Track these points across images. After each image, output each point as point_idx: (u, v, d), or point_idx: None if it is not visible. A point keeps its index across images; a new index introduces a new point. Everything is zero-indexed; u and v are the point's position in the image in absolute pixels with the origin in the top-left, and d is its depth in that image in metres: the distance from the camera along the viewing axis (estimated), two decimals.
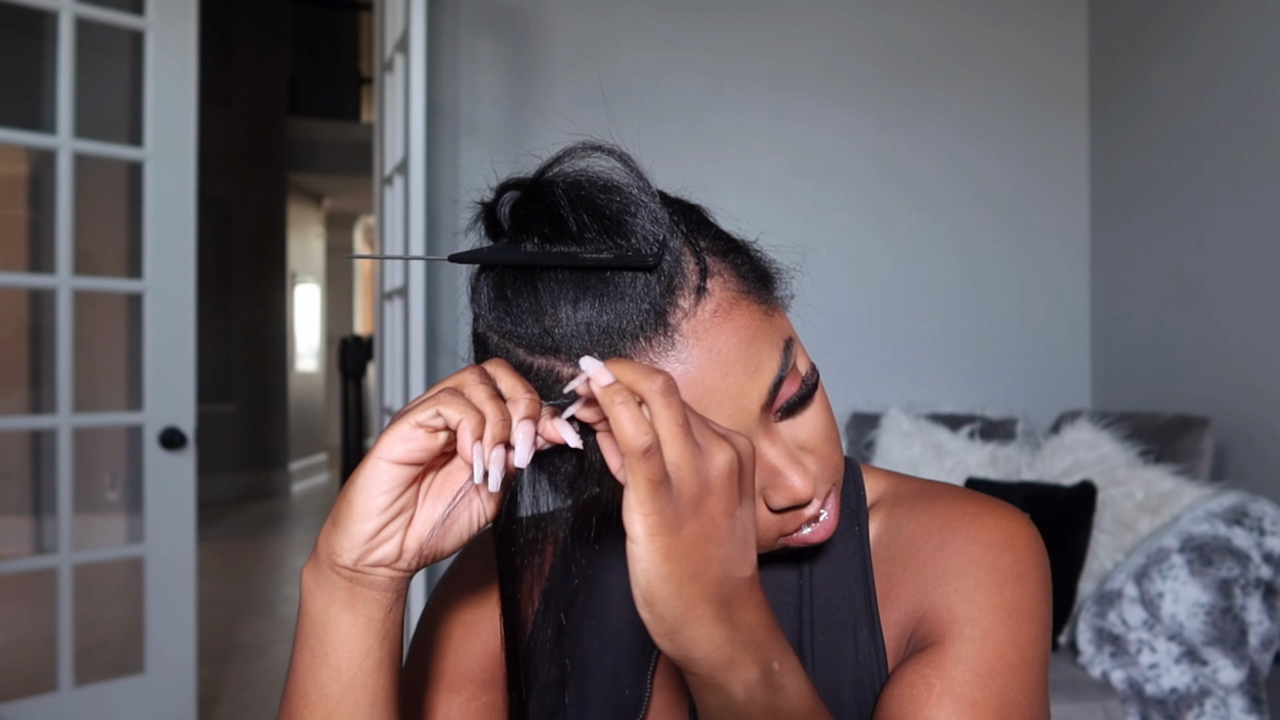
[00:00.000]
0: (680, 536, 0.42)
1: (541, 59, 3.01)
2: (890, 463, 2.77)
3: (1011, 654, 0.55)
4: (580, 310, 0.49)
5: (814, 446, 0.56)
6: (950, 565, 0.59)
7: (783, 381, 0.53)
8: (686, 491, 0.43)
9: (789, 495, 0.53)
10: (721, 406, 0.50)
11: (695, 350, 0.50)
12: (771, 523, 0.55)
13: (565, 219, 0.50)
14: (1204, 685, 1.92)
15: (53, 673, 2.25)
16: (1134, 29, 3.01)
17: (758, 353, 0.52)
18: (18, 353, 4.97)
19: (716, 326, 0.51)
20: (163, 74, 2.32)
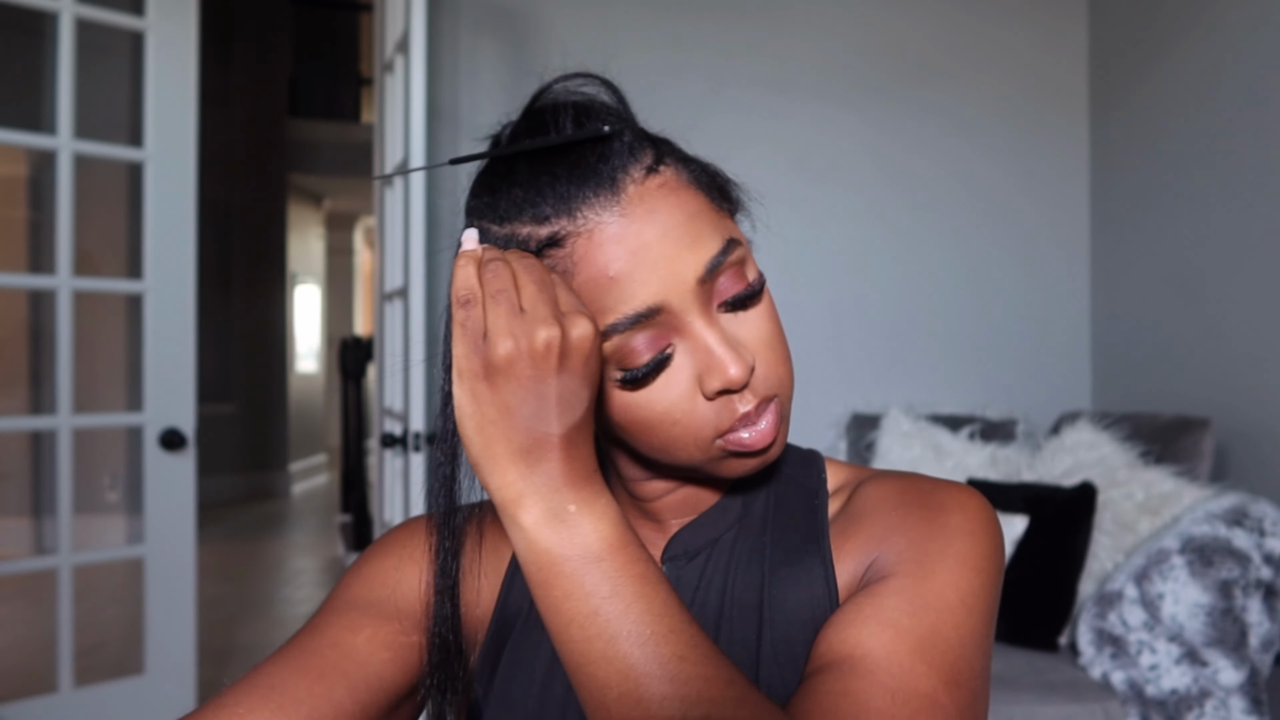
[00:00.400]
0: (488, 384, 0.50)
1: (542, 60, 3.01)
2: (890, 463, 2.77)
3: (949, 594, 0.56)
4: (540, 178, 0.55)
5: (753, 347, 0.58)
6: (905, 522, 0.61)
7: (721, 267, 0.56)
8: (500, 350, 0.49)
9: (721, 376, 0.55)
10: (656, 265, 0.54)
11: (638, 209, 0.55)
12: (708, 415, 0.57)
13: (544, 121, 0.57)
14: (1204, 686, 1.91)
15: (53, 673, 2.25)
16: (1134, 31, 3.01)
17: (698, 229, 0.56)
18: (18, 353, 4.97)
19: (661, 197, 0.56)
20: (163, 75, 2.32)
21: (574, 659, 0.49)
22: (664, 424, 0.57)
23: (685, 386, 0.57)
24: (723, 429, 0.57)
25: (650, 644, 0.48)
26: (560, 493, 0.50)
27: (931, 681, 0.53)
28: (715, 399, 0.57)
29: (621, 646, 0.48)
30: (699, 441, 0.58)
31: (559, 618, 0.50)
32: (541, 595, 0.50)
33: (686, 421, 0.57)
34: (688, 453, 0.59)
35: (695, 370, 0.56)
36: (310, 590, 4.48)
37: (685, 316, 0.56)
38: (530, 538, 0.50)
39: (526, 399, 0.50)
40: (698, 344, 0.56)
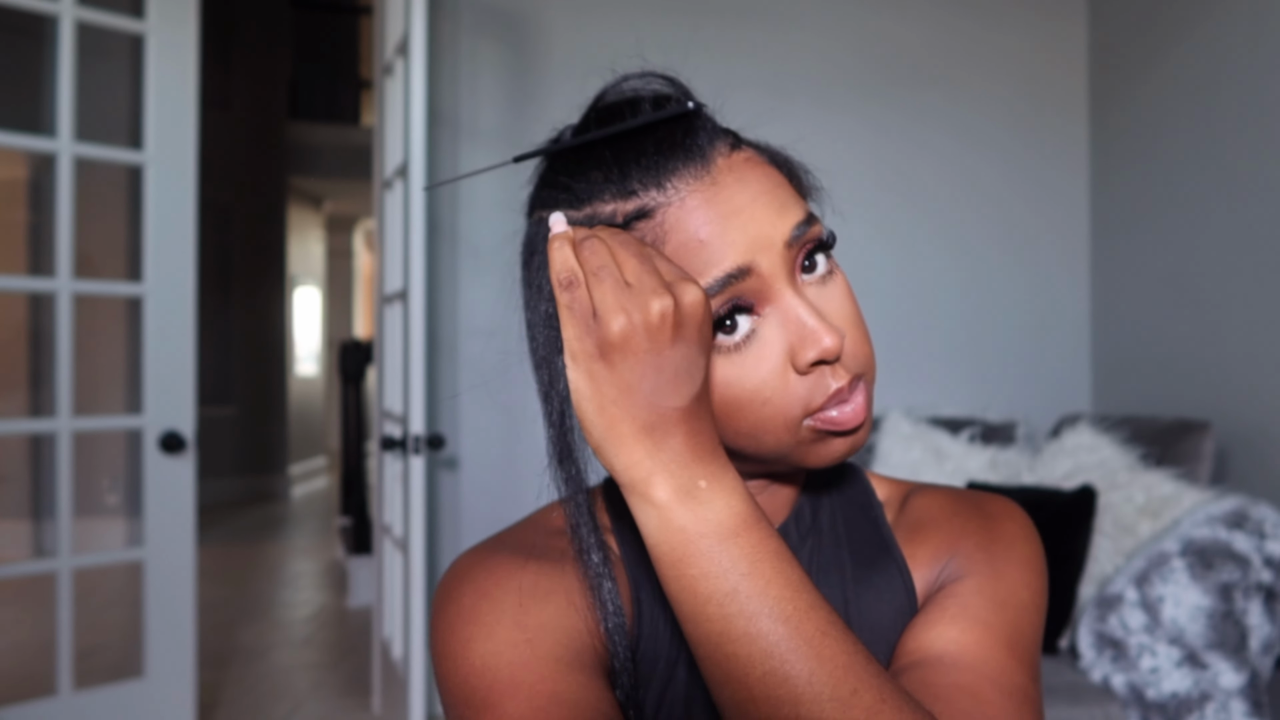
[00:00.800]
0: (605, 363, 0.48)
1: (541, 63, 3.02)
2: (891, 466, 2.77)
3: (1023, 593, 0.61)
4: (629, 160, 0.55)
5: (840, 320, 0.57)
6: (968, 528, 0.65)
7: (805, 235, 0.56)
8: (614, 326, 0.48)
9: (816, 345, 0.54)
10: (746, 227, 0.54)
11: (727, 177, 0.55)
12: (799, 391, 0.55)
13: (622, 109, 0.57)
14: (1205, 689, 1.91)
15: (52, 676, 2.25)
16: (1133, 35, 3.02)
17: (784, 197, 0.56)
18: (17, 356, 4.97)
19: (748, 167, 0.56)
20: (163, 77, 2.32)
21: (711, 640, 0.48)
22: (755, 403, 0.55)
23: (777, 361, 0.55)
24: (814, 407, 0.55)
25: (793, 620, 0.47)
26: (689, 468, 0.49)
27: (1023, 675, 0.56)
28: (808, 373, 0.55)
29: (763, 624, 0.47)
30: (789, 421, 0.55)
31: (695, 598, 0.48)
32: (675, 576, 0.48)
33: (778, 400, 0.55)
34: (776, 436, 0.56)
35: (787, 342, 0.55)
36: (310, 594, 4.48)
37: (774, 283, 0.54)
38: (665, 516, 0.49)
39: (646, 374, 0.48)
40: (788, 314, 0.55)
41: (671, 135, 0.55)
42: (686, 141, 0.55)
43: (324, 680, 3.21)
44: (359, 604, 4.16)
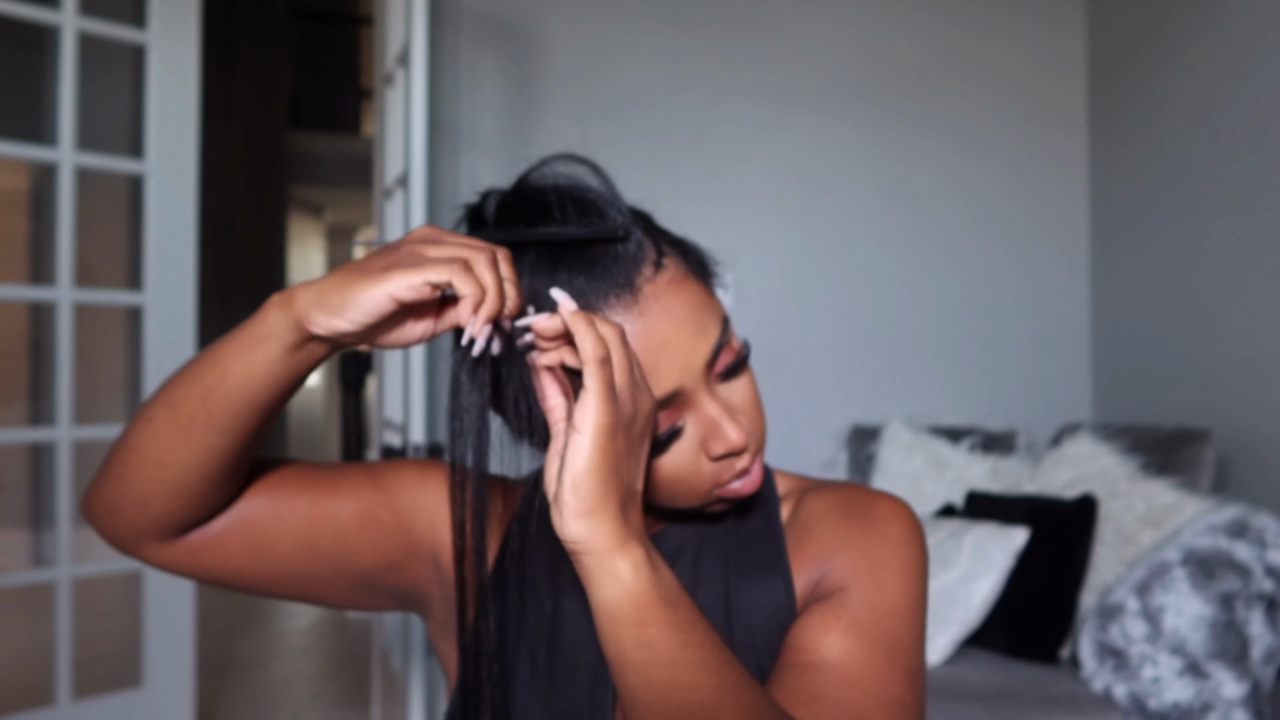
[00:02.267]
0: (614, 440, 0.53)
1: (542, 73, 3.03)
2: (891, 475, 2.77)
3: (900, 602, 0.66)
4: (558, 275, 0.60)
5: (744, 410, 0.67)
6: (852, 533, 0.70)
7: (722, 347, 0.64)
8: (624, 410, 0.54)
9: (726, 443, 0.64)
10: (674, 357, 0.61)
11: (655, 308, 0.61)
12: (708, 472, 0.65)
13: (550, 205, 0.62)
14: (1206, 699, 1.91)
15: (51, 686, 2.25)
16: (1133, 46, 3.03)
17: (703, 318, 0.63)
18: (18, 365, 4.97)
19: (671, 292, 0.62)
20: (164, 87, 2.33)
21: (657, 691, 0.54)
22: (674, 482, 0.65)
23: (692, 452, 0.65)
24: (721, 482, 0.66)
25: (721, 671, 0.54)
26: (646, 541, 0.55)
27: (899, 686, 0.63)
28: (718, 460, 0.65)
29: (703, 675, 0.54)
30: (699, 494, 0.66)
31: (649, 652, 0.53)
32: (633, 634, 0.53)
33: (693, 480, 0.65)
34: (688, 500, 0.67)
35: (700, 437, 0.64)
36: None
37: (695, 394, 0.63)
38: (632, 577, 0.53)
39: (632, 457, 0.55)
40: (704, 416, 0.64)
41: (599, 258, 0.60)
42: (614, 269, 0.60)
43: (323, 690, 3.20)
44: (358, 614, 4.15)
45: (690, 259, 0.66)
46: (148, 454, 0.62)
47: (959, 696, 1.94)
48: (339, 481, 0.72)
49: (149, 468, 0.62)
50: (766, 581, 0.71)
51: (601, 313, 0.60)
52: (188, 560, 0.67)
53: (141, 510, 0.64)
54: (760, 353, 3.12)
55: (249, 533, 0.68)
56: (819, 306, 3.16)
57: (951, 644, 2.11)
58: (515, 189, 0.65)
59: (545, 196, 0.62)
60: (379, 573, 0.73)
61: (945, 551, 2.19)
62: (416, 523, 0.73)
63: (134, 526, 0.65)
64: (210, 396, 0.59)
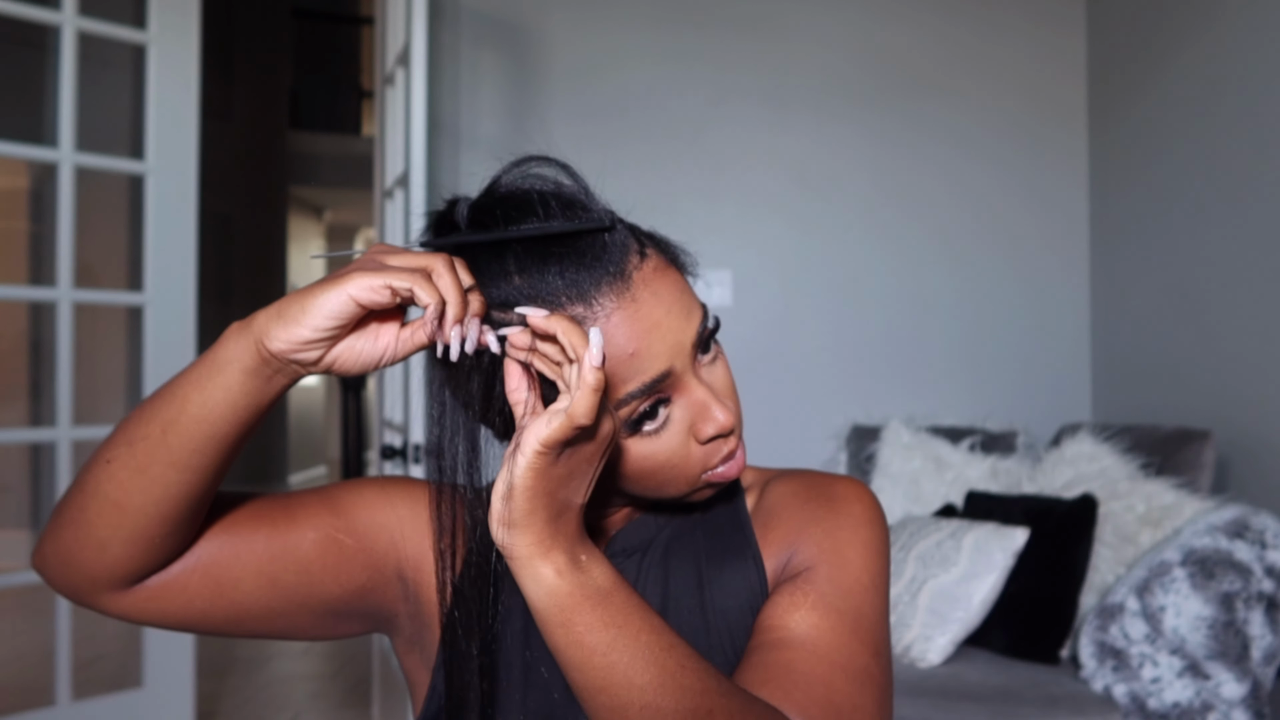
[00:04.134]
0: (553, 465, 0.54)
1: (542, 73, 3.03)
2: (891, 475, 2.77)
3: (864, 577, 0.69)
4: (549, 267, 0.61)
5: (726, 394, 0.68)
6: (816, 514, 0.73)
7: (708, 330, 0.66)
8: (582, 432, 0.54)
9: (715, 424, 0.65)
10: (665, 337, 0.63)
11: (644, 293, 0.62)
12: (698, 456, 0.67)
13: (532, 203, 0.62)
14: (1206, 699, 1.91)
15: (51, 687, 2.25)
16: (1133, 44, 3.02)
17: (688, 302, 0.65)
18: (17, 366, 4.97)
19: (658, 278, 0.64)
20: (164, 88, 2.33)
21: (596, 683, 0.56)
22: (665, 469, 0.66)
23: (684, 436, 0.66)
24: (709, 466, 0.68)
25: (660, 659, 0.56)
26: (575, 546, 0.57)
27: (866, 656, 0.65)
28: (707, 443, 0.67)
29: (638, 666, 0.55)
30: (689, 479, 0.68)
31: (581, 650, 0.56)
32: (563, 632, 0.56)
33: (684, 465, 0.67)
34: (677, 488, 0.68)
35: (690, 421, 0.66)
36: None
37: (685, 376, 0.65)
38: (552, 583, 0.56)
39: (575, 475, 0.57)
40: (693, 398, 0.65)
41: (589, 249, 0.61)
42: (604, 257, 0.62)
43: (323, 690, 3.20)
44: None
45: (667, 251, 0.68)
46: (105, 496, 0.59)
47: (959, 696, 1.94)
48: (296, 512, 0.70)
49: (107, 511, 0.59)
50: (738, 568, 0.73)
51: (595, 300, 0.61)
52: (147, 606, 0.65)
53: (99, 557, 0.61)
54: (760, 352, 3.12)
55: (209, 573, 0.66)
56: (819, 306, 3.16)
57: (951, 644, 2.11)
58: (489, 191, 0.65)
59: (524, 195, 0.62)
60: (345, 599, 0.72)
61: (945, 551, 2.19)
62: (378, 543, 0.73)
63: (90, 575, 0.62)
64: (169, 431, 0.58)
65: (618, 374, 0.62)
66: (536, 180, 0.64)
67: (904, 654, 2.14)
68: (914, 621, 2.14)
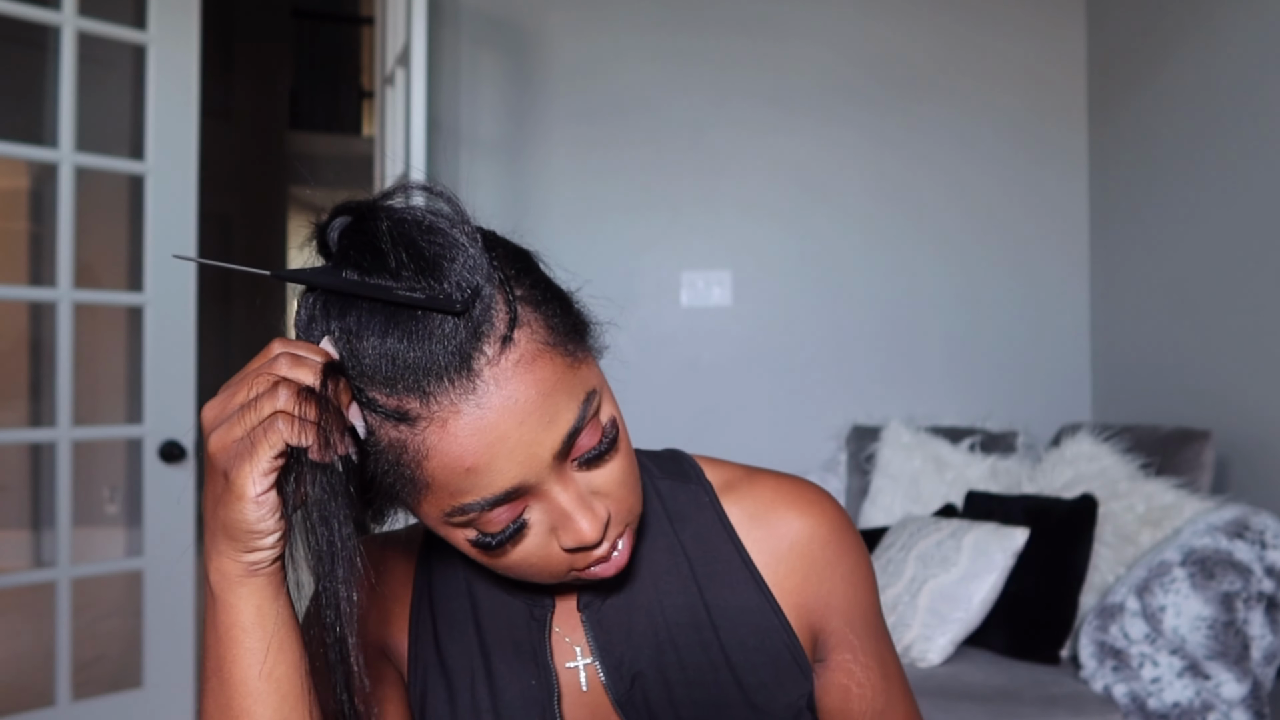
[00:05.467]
0: None
1: (542, 74, 3.03)
2: (891, 475, 2.77)
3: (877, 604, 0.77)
4: (388, 341, 0.52)
5: (609, 492, 0.59)
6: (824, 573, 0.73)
7: (579, 432, 0.56)
8: None
9: (576, 538, 0.57)
10: (514, 453, 0.54)
11: (495, 397, 0.53)
12: (562, 559, 0.60)
13: (385, 254, 0.53)
14: (1206, 699, 1.91)
15: (51, 687, 2.24)
16: (1132, 43, 3.02)
17: (555, 404, 0.55)
18: (17, 366, 4.96)
19: (518, 376, 0.53)
20: (164, 88, 2.33)
21: None
22: (520, 568, 0.60)
23: (540, 540, 0.59)
24: (578, 567, 0.61)
25: None
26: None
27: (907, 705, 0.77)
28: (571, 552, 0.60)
29: None
30: (554, 575, 0.61)
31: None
32: None
33: (542, 565, 0.60)
34: (542, 580, 0.62)
35: (550, 525, 0.58)
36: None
37: (542, 485, 0.56)
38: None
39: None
40: (553, 505, 0.57)
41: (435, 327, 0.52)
42: (450, 346, 0.52)
43: None
44: None
45: (554, 321, 0.57)
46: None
47: (959, 696, 1.94)
48: None
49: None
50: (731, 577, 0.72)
51: (432, 398, 0.52)
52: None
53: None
54: (760, 352, 3.12)
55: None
56: (818, 306, 3.16)
57: (951, 644, 2.11)
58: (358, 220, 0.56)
59: (381, 244, 0.53)
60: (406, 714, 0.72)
61: (945, 551, 2.19)
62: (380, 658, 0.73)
63: None
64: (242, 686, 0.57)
65: (454, 485, 0.54)
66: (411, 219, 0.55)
67: (904, 654, 2.14)
68: (914, 621, 2.14)
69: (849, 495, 2.90)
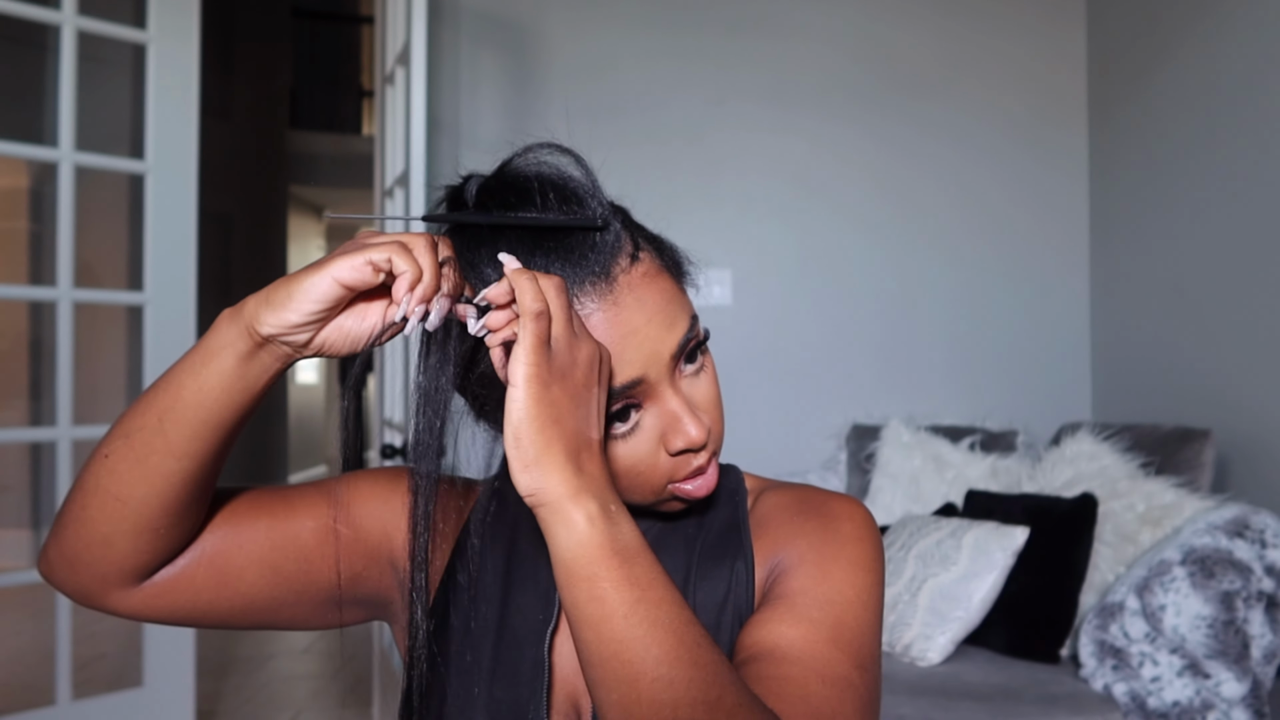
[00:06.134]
0: (549, 390, 0.54)
1: (542, 72, 3.03)
2: (891, 474, 2.77)
3: (847, 590, 0.67)
4: (535, 258, 0.61)
5: (706, 408, 0.68)
6: (804, 528, 0.71)
7: (692, 340, 0.66)
8: (559, 360, 0.55)
9: (685, 438, 0.64)
10: (642, 345, 0.62)
11: (628, 297, 0.62)
12: (665, 467, 0.66)
13: (532, 191, 0.62)
14: (1206, 698, 1.91)
15: (51, 686, 2.25)
16: (1132, 42, 3.02)
17: (674, 311, 0.65)
18: (18, 365, 4.97)
19: (645, 284, 0.63)
20: (164, 87, 2.33)
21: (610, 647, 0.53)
22: (631, 474, 0.66)
23: (653, 444, 0.65)
24: (676, 479, 0.67)
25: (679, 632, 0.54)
26: (605, 492, 0.56)
27: (845, 665, 0.63)
28: (676, 455, 0.66)
29: (659, 634, 0.53)
30: (654, 488, 0.67)
31: (602, 608, 0.53)
32: (587, 587, 0.53)
33: (649, 474, 0.66)
34: (641, 495, 0.67)
35: (660, 430, 0.65)
36: None
37: (658, 385, 0.64)
38: (585, 530, 0.54)
39: (579, 405, 0.56)
40: (665, 408, 0.65)
41: (577, 245, 0.62)
42: (592, 256, 0.62)
43: (323, 689, 3.20)
44: None
45: (665, 255, 0.68)
46: (107, 491, 0.60)
47: (959, 695, 1.94)
48: (295, 502, 0.72)
49: (110, 506, 0.60)
50: (726, 569, 0.72)
51: (576, 298, 0.61)
52: (155, 603, 0.66)
53: (105, 554, 0.62)
54: (760, 352, 3.12)
55: (214, 564, 0.67)
56: (818, 305, 3.16)
57: (951, 643, 2.11)
58: (498, 173, 0.66)
59: (528, 182, 0.63)
60: (345, 587, 0.74)
61: (945, 550, 2.19)
62: (372, 532, 0.75)
63: (98, 574, 0.63)
64: (166, 419, 0.59)
65: None
66: (544, 168, 0.65)
67: (904, 653, 2.14)
68: (914, 620, 2.14)
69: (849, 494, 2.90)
